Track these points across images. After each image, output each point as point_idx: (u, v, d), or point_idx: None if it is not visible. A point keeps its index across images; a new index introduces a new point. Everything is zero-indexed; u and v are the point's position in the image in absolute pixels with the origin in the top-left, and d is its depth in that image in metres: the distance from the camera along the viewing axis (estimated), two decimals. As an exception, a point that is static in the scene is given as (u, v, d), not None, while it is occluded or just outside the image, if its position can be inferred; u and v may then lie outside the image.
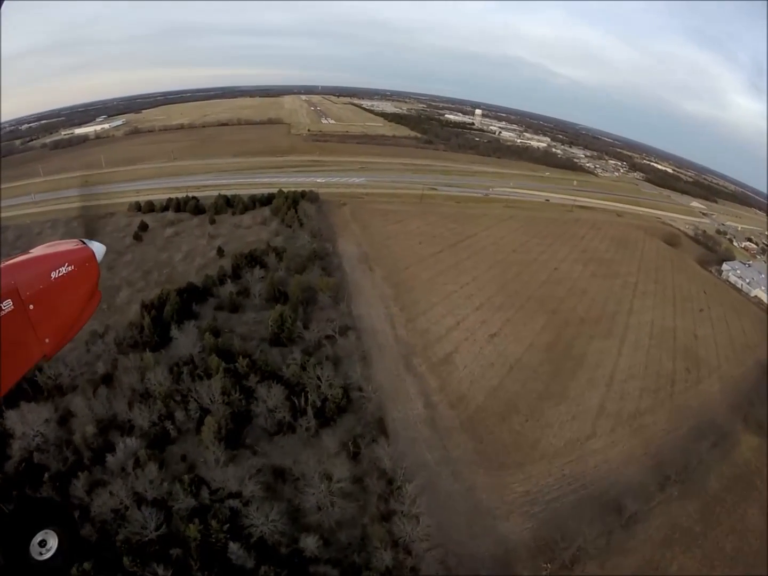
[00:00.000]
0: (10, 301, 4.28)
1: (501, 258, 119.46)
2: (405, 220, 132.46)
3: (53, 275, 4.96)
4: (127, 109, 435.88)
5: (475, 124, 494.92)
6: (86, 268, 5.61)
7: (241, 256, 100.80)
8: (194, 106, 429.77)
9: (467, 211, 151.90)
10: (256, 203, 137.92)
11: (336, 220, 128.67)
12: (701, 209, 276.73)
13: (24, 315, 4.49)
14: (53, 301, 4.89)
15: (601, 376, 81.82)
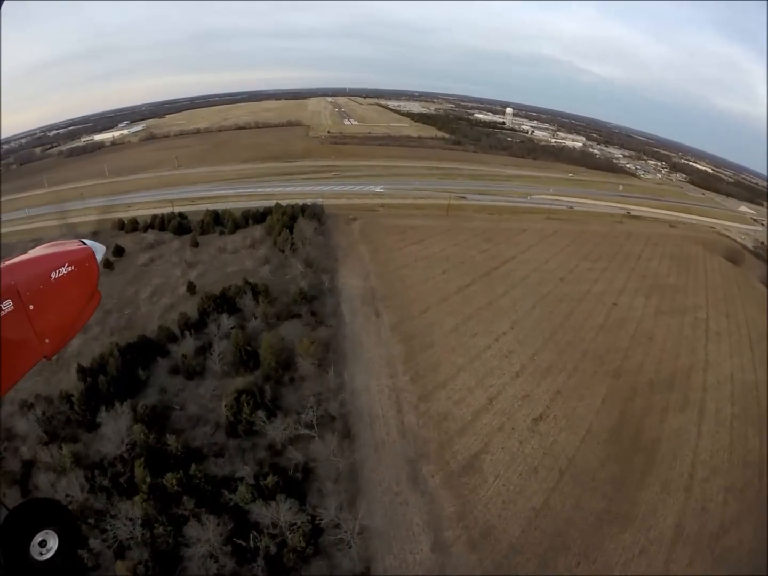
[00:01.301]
0: (10, 301, 4.15)
1: (547, 291, 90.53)
2: (427, 240, 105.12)
3: (53, 275, 4.82)
4: (152, 115, 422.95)
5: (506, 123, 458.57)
6: (86, 268, 5.39)
7: (210, 298, 75.98)
8: (217, 110, 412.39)
9: (503, 225, 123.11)
10: (249, 220, 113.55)
11: (341, 241, 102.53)
12: (751, 214, 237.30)
13: (24, 315, 4.36)
14: (53, 301, 4.75)
15: (678, 475, 53.67)
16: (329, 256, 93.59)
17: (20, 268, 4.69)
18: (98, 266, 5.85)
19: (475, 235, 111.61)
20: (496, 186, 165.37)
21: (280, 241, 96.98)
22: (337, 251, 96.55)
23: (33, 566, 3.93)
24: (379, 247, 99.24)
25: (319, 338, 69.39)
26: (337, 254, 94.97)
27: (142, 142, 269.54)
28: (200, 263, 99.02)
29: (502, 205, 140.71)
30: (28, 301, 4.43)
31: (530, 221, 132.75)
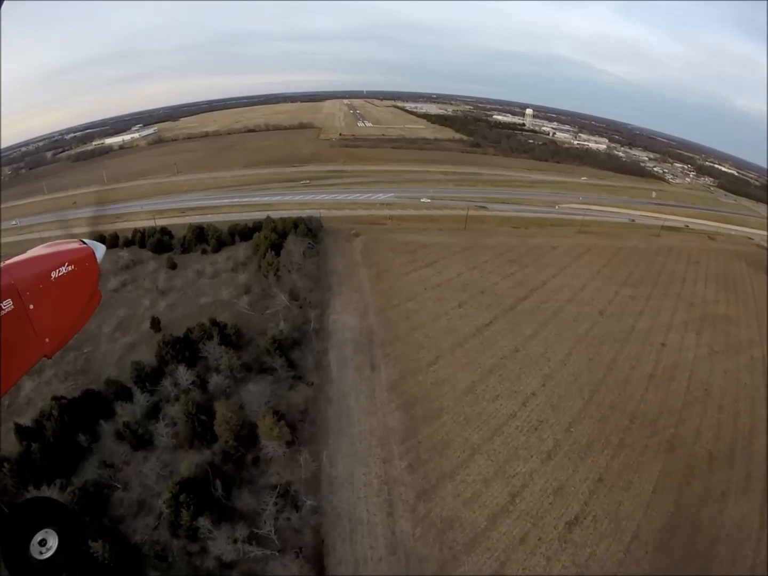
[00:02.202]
0: (10, 301, 4.08)
1: (584, 330, 71.89)
2: (441, 261, 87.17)
3: (53, 275, 4.73)
4: (168, 118, 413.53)
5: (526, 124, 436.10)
6: (86, 268, 5.29)
7: (168, 344, 59.63)
8: (231, 113, 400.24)
9: (529, 241, 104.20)
10: (236, 236, 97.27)
11: (338, 264, 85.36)
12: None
13: (24, 315, 4.29)
14: (53, 301, 4.67)
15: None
16: (321, 285, 76.48)
17: (20, 268, 4.57)
18: (98, 266, 5.59)
19: (498, 255, 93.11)
20: (520, 193, 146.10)
21: (264, 265, 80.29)
22: (331, 277, 79.32)
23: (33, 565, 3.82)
24: (383, 271, 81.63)
25: (293, 404, 52.52)
26: (332, 282, 77.73)
27: (150, 145, 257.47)
28: (173, 290, 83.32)
29: (528, 217, 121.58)
30: (28, 300, 4.31)
31: (560, 236, 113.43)
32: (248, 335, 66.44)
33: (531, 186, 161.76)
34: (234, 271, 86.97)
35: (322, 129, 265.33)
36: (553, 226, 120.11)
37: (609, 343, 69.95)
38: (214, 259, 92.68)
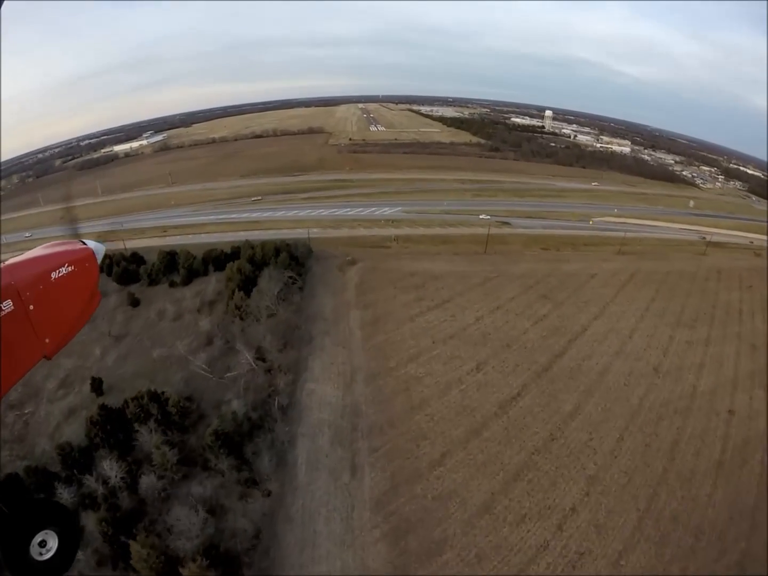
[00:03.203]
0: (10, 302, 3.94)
1: (638, 400, 53.51)
2: (456, 299, 69.04)
3: (53, 275, 4.56)
4: (181, 124, 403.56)
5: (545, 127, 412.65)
6: (86, 269, 5.04)
7: (96, 424, 43.65)
8: (243, 119, 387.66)
9: (563, 267, 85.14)
10: (210, 265, 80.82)
11: (326, 304, 68.02)
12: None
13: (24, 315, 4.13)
14: (54, 301, 4.52)
15: None
16: (300, 336, 59.31)
17: (20, 268, 4.41)
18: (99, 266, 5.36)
19: (527, 288, 74.39)
20: (547, 205, 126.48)
21: (231, 309, 63.46)
22: (314, 325, 62.00)
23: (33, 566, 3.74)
24: (381, 315, 63.86)
25: (240, 528, 35.43)
26: (314, 331, 60.43)
27: (156, 153, 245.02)
28: (129, 336, 67.57)
29: (559, 235, 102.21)
30: (28, 301, 4.18)
31: (598, 258, 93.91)
32: (200, 410, 49.82)
33: (558, 195, 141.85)
34: (200, 311, 70.59)
35: (332, 134, 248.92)
36: (588, 246, 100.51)
37: (668, 417, 51.48)
38: (182, 295, 76.59)
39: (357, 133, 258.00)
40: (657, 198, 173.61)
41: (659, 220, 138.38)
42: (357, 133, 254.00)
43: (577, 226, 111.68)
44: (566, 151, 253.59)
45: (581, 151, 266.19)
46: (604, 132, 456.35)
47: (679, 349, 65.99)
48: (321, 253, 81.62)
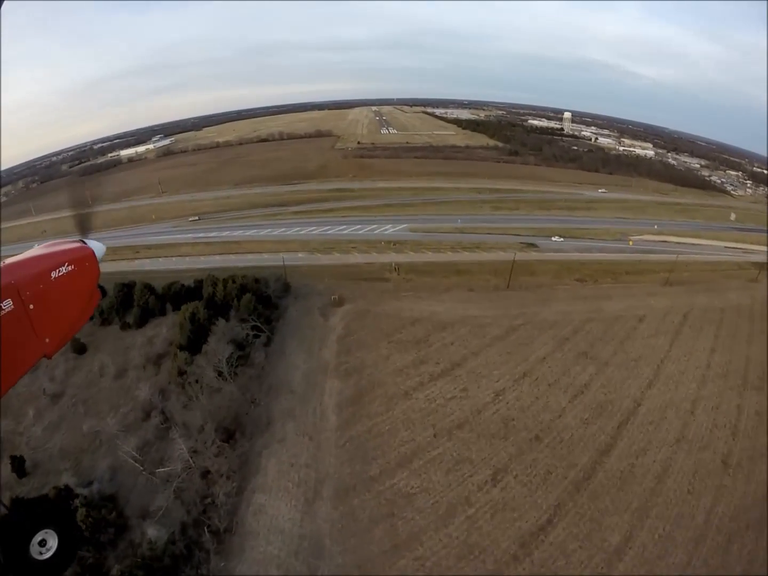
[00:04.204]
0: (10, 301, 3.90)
1: (704, 516, 36.75)
2: (468, 362, 50.88)
3: (53, 275, 4.51)
4: (193, 127, 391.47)
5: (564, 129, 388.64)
6: (86, 268, 5.02)
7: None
8: (253, 122, 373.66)
9: (604, 306, 66.20)
10: (168, 302, 64.28)
11: (296, 369, 50.43)
12: None
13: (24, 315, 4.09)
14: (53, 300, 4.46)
15: None
16: (257, 417, 42.24)
17: (20, 268, 4.36)
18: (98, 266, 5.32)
19: (562, 342, 55.65)
20: (577, 220, 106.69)
21: (173, 374, 46.57)
22: (277, 400, 44.69)
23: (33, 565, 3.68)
24: (367, 388, 45.97)
25: None
26: (274, 410, 43.24)
27: (158, 158, 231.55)
28: (65, 396, 52.09)
29: (596, 260, 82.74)
30: (28, 300, 4.11)
31: (644, 292, 74.62)
32: (123, 517, 33.25)
33: (588, 207, 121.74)
34: (144, 368, 53.98)
35: (340, 137, 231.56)
36: (630, 276, 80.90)
37: (739, 538, 33.61)
38: (132, 341, 60.32)
39: (367, 136, 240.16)
40: (694, 209, 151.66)
41: (702, 238, 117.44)
42: (367, 136, 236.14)
43: (615, 247, 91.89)
44: (590, 155, 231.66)
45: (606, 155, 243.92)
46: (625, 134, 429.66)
47: (750, 426, 48.20)
48: (301, 289, 64.12)
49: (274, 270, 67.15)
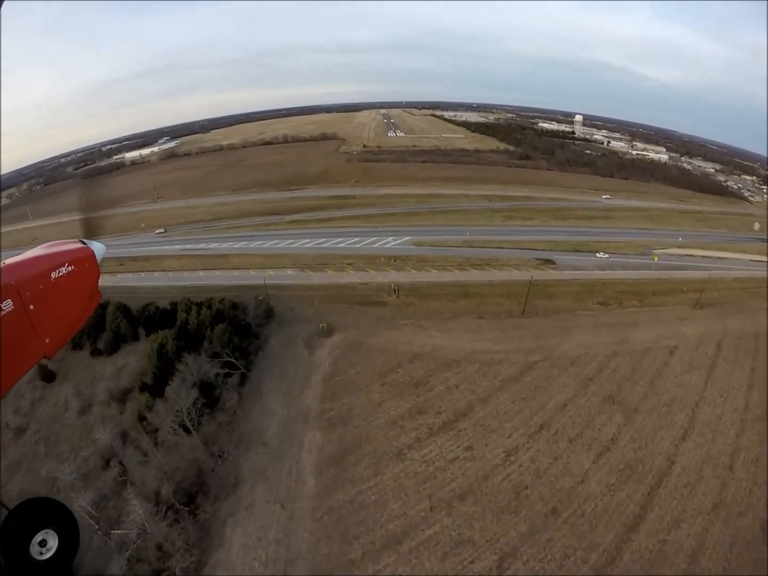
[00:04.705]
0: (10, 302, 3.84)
1: None
2: (476, 411, 42.58)
3: (53, 275, 4.43)
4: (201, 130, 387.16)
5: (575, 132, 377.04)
6: (86, 268, 4.89)
7: None
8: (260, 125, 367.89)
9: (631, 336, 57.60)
10: (140, 326, 57.13)
11: (274, 412, 42.57)
12: None
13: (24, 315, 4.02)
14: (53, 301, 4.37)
15: None
16: (224, 475, 34.74)
17: (20, 268, 4.30)
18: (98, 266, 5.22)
19: (585, 384, 47.18)
20: (596, 231, 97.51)
21: (133, 417, 39.13)
22: (248, 454, 37.31)
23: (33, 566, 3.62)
24: (353, 444, 37.99)
25: None
26: (244, 468, 36.02)
27: (161, 161, 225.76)
28: (29, 431, 45.39)
29: (619, 279, 73.80)
30: (28, 301, 4.06)
31: (673, 316, 65.87)
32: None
33: (606, 217, 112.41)
34: (109, 405, 46.80)
35: (346, 140, 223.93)
36: (658, 296, 71.87)
37: None
38: (102, 370, 53.23)
39: (373, 139, 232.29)
40: (715, 218, 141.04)
41: (727, 250, 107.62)
42: (373, 139, 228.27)
43: (639, 263, 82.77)
44: (604, 159, 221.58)
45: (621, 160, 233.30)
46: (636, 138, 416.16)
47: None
48: (287, 314, 56.26)
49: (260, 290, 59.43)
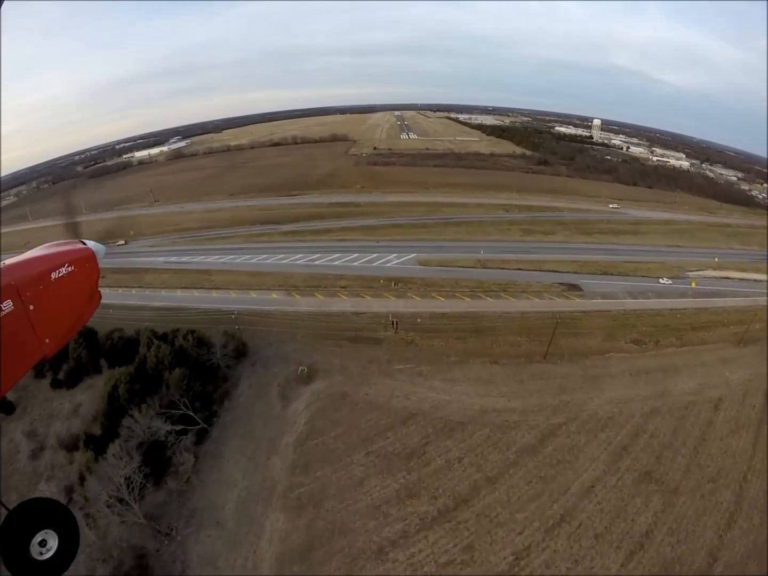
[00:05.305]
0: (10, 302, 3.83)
1: None
2: (482, 493, 33.21)
3: (53, 275, 4.43)
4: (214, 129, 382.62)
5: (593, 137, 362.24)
6: (86, 269, 4.91)
7: None
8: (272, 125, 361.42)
9: (670, 386, 47.55)
10: (103, 357, 49.08)
11: (234, 482, 33.80)
12: None
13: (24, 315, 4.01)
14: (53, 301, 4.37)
15: None
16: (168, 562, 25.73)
17: (20, 268, 4.29)
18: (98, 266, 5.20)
19: (618, 455, 37.37)
20: (624, 249, 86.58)
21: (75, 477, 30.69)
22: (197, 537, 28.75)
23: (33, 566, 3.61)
24: (324, 534, 28.95)
25: None
26: (192, 555, 27.21)
27: (167, 161, 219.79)
28: None
29: (655, 311, 63.37)
30: (28, 301, 4.05)
31: (715, 357, 55.67)
32: None
33: (635, 231, 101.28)
34: (56, 452, 38.81)
35: (356, 142, 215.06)
36: (697, 331, 61.17)
37: None
38: (59, 405, 45.90)
39: (385, 141, 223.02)
40: (745, 232, 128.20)
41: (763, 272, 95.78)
42: (385, 141, 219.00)
43: (675, 289, 72.05)
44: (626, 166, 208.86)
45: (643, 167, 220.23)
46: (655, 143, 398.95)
47: None
48: (263, 350, 47.42)
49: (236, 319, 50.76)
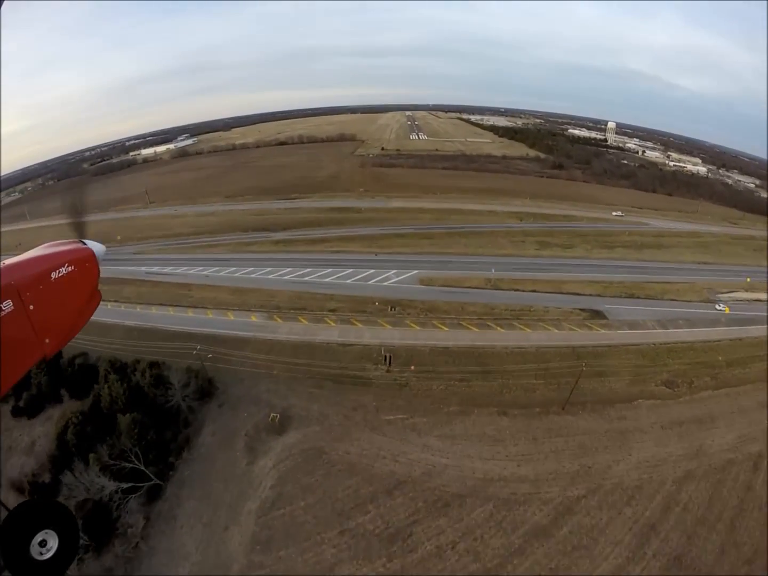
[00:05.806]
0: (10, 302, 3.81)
1: None
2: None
3: (53, 275, 4.39)
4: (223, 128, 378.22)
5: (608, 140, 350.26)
6: (86, 269, 4.84)
7: None
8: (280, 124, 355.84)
9: (706, 440, 39.99)
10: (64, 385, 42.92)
11: (187, 554, 26.79)
12: None
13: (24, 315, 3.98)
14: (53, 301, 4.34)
15: None
16: None
17: (20, 268, 4.25)
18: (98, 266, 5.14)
19: (643, 536, 29.91)
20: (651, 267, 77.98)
21: None
22: None
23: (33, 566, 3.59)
24: None
25: None
26: None
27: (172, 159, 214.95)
28: None
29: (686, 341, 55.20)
30: (28, 301, 4.02)
31: (753, 401, 47.57)
32: None
33: (659, 245, 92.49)
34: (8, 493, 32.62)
35: (364, 142, 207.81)
36: (733, 368, 52.57)
37: None
38: (18, 438, 41.00)
39: (394, 141, 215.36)
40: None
41: None
42: (394, 142, 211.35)
43: (706, 316, 63.67)
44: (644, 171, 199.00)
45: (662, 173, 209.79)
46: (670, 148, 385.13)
47: None
48: (233, 389, 40.58)
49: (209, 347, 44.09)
